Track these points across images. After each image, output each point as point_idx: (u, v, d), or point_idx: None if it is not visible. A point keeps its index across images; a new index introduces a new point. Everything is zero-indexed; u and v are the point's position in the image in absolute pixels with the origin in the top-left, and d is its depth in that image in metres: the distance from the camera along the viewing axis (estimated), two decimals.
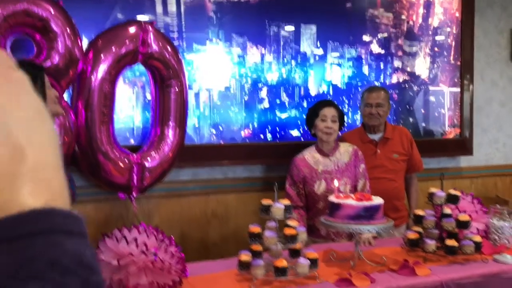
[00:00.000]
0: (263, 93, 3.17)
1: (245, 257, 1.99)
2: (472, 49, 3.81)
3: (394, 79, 3.57)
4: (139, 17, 2.71)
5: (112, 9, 2.71)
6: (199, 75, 2.99)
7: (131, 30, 2.34)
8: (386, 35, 3.52)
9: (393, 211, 2.93)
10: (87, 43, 2.44)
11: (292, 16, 3.21)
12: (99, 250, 1.81)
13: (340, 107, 2.85)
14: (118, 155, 2.40)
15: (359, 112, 3.25)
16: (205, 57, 2.99)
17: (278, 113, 3.21)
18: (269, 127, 3.19)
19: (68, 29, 2.14)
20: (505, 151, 4.10)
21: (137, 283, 1.78)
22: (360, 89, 3.40)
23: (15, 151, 0.30)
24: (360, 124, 3.16)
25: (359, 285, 1.93)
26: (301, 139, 3.25)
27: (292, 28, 3.22)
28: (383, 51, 3.52)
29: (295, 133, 3.26)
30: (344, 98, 3.40)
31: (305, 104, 3.28)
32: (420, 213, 2.38)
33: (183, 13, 2.92)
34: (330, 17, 3.32)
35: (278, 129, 3.22)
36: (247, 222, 2.23)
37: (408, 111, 3.64)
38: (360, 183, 2.72)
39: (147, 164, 2.49)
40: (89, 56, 2.27)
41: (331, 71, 3.36)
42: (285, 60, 3.22)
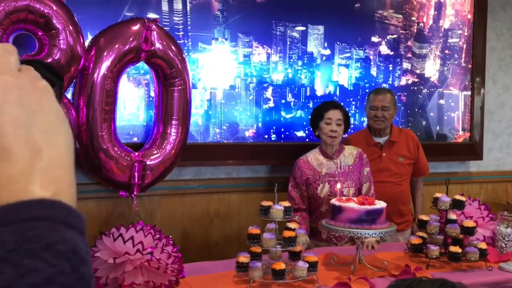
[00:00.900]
0: (269, 93, 3.15)
1: (243, 258, 1.97)
2: (484, 52, 3.74)
3: (403, 81, 3.52)
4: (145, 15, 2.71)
5: (119, 7, 2.71)
6: (204, 74, 2.97)
7: (134, 27, 2.33)
8: (395, 36, 3.47)
9: (398, 216, 2.89)
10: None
11: (299, 16, 3.18)
12: (96, 248, 1.81)
13: (346, 109, 2.80)
14: (119, 153, 2.39)
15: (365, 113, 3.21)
16: (210, 56, 2.98)
17: (283, 113, 3.19)
18: (274, 127, 3.16)
19: (70, 26, 2.14)
20: None
21: (132, 282, 1.77)
22: (367, 90, 3.36)
23: (34, 150, 0.35)
24: (366, 126, 3.11)
25: None
26: (306, 140, 3.22)
27: (299, 28, 3.19)
28: (392, 53, 3.47)
29: (300, 133, 3.23)
30: (351, 99, 3.36)
31: (311, 104, 3.24)
32: (424, 218, 2.34)
33: (189, 12, 2.90)
34: (338, 17, 3.28)
35: (283, 130, 3.19)
36: (249, 222, 2.21)
37: (416, 114, 3.58)
38: (364, 187, 2.67)
39: (148, 162, 2.48)
40: (91, 53, 2.26)
41: (338, 72, 3.32)
42: (292, 60, 3.19)
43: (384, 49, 3.44)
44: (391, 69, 3.47)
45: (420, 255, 2.25)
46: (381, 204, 2.11)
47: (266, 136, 3.14)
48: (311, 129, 2.83)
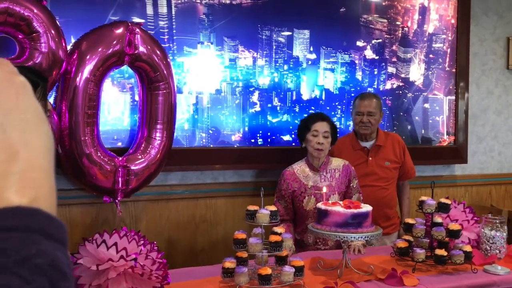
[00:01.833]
0: (255, 97, 3.14)
1: (229, 264, 1.95)
2: (467, 56, 3.79)
3: (388, 85, 3.54)
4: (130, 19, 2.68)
5: (104, 11, 2.68)
6: (190, 78, 2.95)
7: (117, 31, 2.30)
8: (380, 40, 3.49)
9: (384, 219, 2.89)
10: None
11: (285, 20, 3.19)
12: (79, 254, 1.77)
13: (333, 121, 2.74)
14: (102, 158, 2.36)
15: (351, 117, 3.21)
16: (196, 60, 2.96)
17: (269, 118, 3.18)
18: (260, 132, 3.15)
19: (51, 29, 2.10)
20: (500, 160, 4.06)
21: None
22: (353, 94, 3.37)
23: (10, 151, 0.32)
24: (352, 130, 3.11)
25: None
26: (293, 144, 3.21)
27: (285, 32, 3.19)
28: (377, 57, 3.49)
29: (287, 138, 3.23)
30: (337, 103, 3.37)
31: (297, 109, 3.24)
32: (410, 221, 2.34)
33: (174, 16, 2.89)
34: (323, 22, 3.29)
35: (269, 134, 3.18)
36: (236, 227, 2.19)
37: (401, 118, 3.60)
38: (354, 198, 2.64)
39: (133, 167, 2.45)
40: (74, 56, 2.23)
41: (324, 76, 3.32)
42: (278, 64, 3.19)
43: (369, 54, 3.46)
44: (376, 73, 3.49)
45: (406, 259, 2.25)
46: (367, 207, 2.11)
47: (252, 140, 3.13)
48: (298, 141, 2.78)
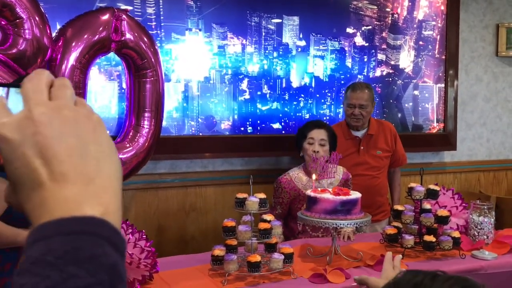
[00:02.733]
0: (244, 85, 3.11)
1: (219, 251, 1.95)
2: (457, 43, 3.79)
3: (377, 72, 3.53)
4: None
5: None
6: (178, 65, 2.92)
7: (103, 17, 2.26)
8: (370, 27, 3.48)
9: (375, 207, 2.90)
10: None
11: (274, 7, 3.15)
12: None
13: (332, 129, 2.66)
14: None
15: (342, 106, 3.20)
16: (184, 47, 2.93)
17: (259, 105, 3.16)
18: (250, 120, 3.14)
19: (36, 15, 2.05)
20: (489, 147, 4.09)
21: None
22: (343, 82, 3.36)
23: (88, 178, 0.40)
24: (344, 118, 3.10)
25: (334, 281, 1.89)
26: (282, 132, 3.20)
27: (274, 19, 3.16)
28: (367, 44, 3.47)
29: (276, 125, 3.21)
30: (326, 91, 3.36)
31: (286, 96, 3.23)
32: (399, 208, 2.35)
33: (161, 2, 2.84)
34: (313, 8, 3.26)
35: (259, 122, 3.16)
36: (226, 215, 2.18)
37: (392, 105, 3.60)
38: None
39: (121, 155, 2.42)
40: (59, 43, 2.18)
41: (314, 64, 3.31)
42: (267, 51, 3.16)
43: (359, 40, 3.44)
44: (366, 60, 3.48)
45: (395, 245, 2.26)
46: (356, 194, 2.11)
47: (242, 128, 3.11)
48: (297, 150, 2.69)
